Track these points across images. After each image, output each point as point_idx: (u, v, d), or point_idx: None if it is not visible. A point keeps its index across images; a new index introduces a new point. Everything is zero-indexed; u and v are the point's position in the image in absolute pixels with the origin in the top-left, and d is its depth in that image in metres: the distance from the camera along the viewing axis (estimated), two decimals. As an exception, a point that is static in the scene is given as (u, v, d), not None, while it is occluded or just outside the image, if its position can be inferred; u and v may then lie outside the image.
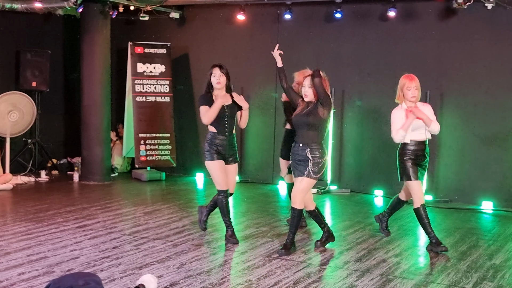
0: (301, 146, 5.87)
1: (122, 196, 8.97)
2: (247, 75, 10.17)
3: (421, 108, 6.25)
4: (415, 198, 6.25)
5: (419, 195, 6.25)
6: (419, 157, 6.25)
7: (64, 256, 5.62)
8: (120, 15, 10.15)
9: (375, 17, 9.35)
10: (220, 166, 6.27)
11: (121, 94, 11.01)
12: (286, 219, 7.26)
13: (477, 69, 8.61)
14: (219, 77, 6.26)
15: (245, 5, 9.92)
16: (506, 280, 5.29)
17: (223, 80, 6.27)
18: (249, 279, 5.13)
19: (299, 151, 5.88)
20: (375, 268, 5.53)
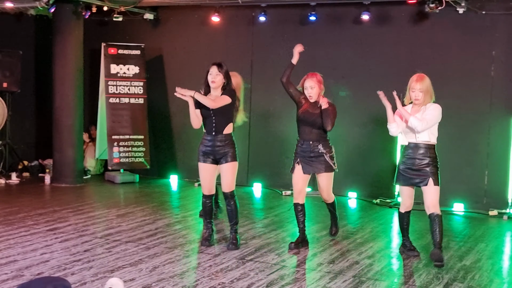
0: (311, 143, 6.22)
1: (95, 198, 8.88)
2: (222, 77, 10.13)
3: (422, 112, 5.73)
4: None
5: (402, 201, 6.06)
6: (411, 160, 5.80)
7: (34, 260, 5.54)
8: (93, 15, 10.06)
9: (349, 20, 9.41)
10: (205, 169, 6.16)
11: (94, 95, 10.91)
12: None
13: (449, 73, 8.71)
14: (215, 76, 5.99)
15: (219, 7, 9.90)
16: (476, 281, 5.35)
17: (219, 80, 5.99)
18: (222, 281, 5.11)
19: (311, 148, 6.22)
20: (348, 270, 5.55)
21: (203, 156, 6.15)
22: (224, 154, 6.10)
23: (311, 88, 6.21)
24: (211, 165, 6.16)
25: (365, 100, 9.27)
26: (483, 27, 8.56)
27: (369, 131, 9.32)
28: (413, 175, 5.78)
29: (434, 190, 5.69)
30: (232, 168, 6.13)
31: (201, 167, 6.19)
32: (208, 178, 6.20)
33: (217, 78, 6.00)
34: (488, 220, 8.10)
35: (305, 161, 6.26)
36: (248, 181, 10.24)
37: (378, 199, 9.02)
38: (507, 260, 6.24)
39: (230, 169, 6.12)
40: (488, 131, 8.56)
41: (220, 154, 6.10)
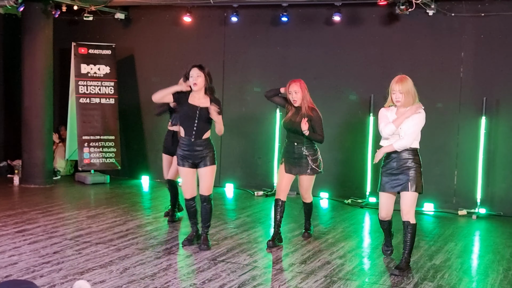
0: (296, 145, 6.37)
1: (65, 199, 8.77)
2: (194, 77, 10.09)
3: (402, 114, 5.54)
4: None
5: (380, 208, 5.82)
6: (392, 163, 5.59)
7: (2, 262, 5.44)
8: (63, 14, 9.93)
9: (321, 21, 9.46)
10: (185, 173, 6.11)
11: (64, 95, 10.78)
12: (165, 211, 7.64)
13: (419, 74, 8.80)
14: (196, 78, 5.95)
15: (191, 7, 9.86)
16: (445, 280, 5.41)
17: (200, 81, 5.96)
18: (194, 283, 5.09)
19: (295, 149, 6.37)
20: (319, 270, 5.57)
21: (181, 160, 6.11)
22: (203, 158, 6.07)
23: (295, 93, 6.33)
24: (190, 169, 6.12)
25: (337, 101, 9.32)
26: (452, 29, 8.68)
27: (340, 132, 9.37)
28: (394, 179, 5.58)
29: (410, 197, 5.50)
30: (211, 172, 6.13)
31: (180, 171, 6.20)
32: (189, 182, 6.17)
33: (198, 80, 5.98)
34: (457, 219, 8.21)
35: (289, 161, 6.43)
36: (220, 181, 10.22)
37: (350, 199, 9.08)
38: (476, 259, 6.34)
39: (209, 172, 6.11)
40: (458, 132, 8.68)
41: (199, 158, 6.07)
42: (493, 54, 8.50)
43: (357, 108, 9.26)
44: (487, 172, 8.51)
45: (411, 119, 5.50)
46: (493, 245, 6.85)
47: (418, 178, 5.53)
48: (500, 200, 8.50)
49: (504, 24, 8.41)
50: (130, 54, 10.77)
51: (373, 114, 8.96)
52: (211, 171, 6.13)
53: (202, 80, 6.00)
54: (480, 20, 8.52)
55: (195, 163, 6.09)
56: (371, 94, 8.97)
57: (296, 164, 6.42)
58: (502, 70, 8.46)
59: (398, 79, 5.58)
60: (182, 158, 6.09)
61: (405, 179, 5.51)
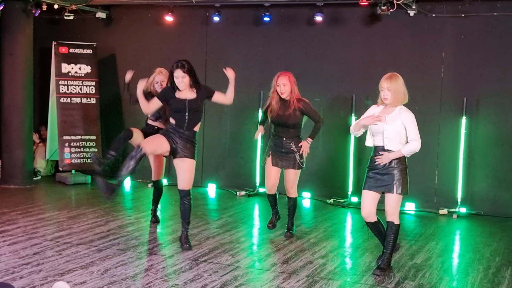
0: (285, 140, 6.53)
1: (45, 200, 8.69)
2: (175, 77, 10.06)
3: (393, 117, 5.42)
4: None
5: (361, 206, 5.59)
6: (377, 164, 5.48)
7: (-19, 264, 5.38)
8: (44, 13, 9.84)
9: (303, 21, 9.48)
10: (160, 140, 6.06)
11: (44, 95, 10.68)
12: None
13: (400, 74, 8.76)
14: (182, 80, 5.96)
15: (173, 6, 9.83)
16: (426, 279, 5.45)
17: (186, 81, 5.98)
18: (176, 283, 5.07)
19: (284, 144, 6.52)
20: (301, 270, 5.58)
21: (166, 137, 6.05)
22: (183, 149, 6.05)
23: (283, 85, 6.45)
24: (168, 146, 6.06)
25: (318, 101, 9.34)
26: (433, 30, 8.74)
27: (322, 132, 9.38)
28: (379, 179, 5.44)
29: (395, 198, 5.41)
30: (191, 166, 6.13)
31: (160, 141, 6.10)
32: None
33: (184, 80, 5.98)
34: (438, 218, 8.27)
35: (276, 155, 6.57)
36: (202, 181, 10.19)
37: (332, 199, 9.10)
38: (457, 258, 6.39)
39: (189, 166, 6.11)
40: (438, 132, 8.74)
41: (180, 147, 6.04)
42: (473, 54, 8.58)
43: (339, 108, 9.29)
44: (467, 171, 8.58)
45: (407, 122, 5.38)
46: (474, 244, 6.91)
47: (404, 179, 5.43)
48: (480, 199, 8.58)
49: (484, 25, 8.49)
50: (111, 54, 10.71)
51: (355, 114, 9.00)
52: (191, 165, 6.13)
53: (187, 80, 6.02)
54: (461, 20, 8.60)
55: (175, 149, 6.05)
56: (353, 94, 9.01)
57: (283, 158, 6.55)
58: (482, 70, 8.54)
59: (387, 76, 5.46)
60: (167, 137, 6.07)
61: (390, 180, 5.40)
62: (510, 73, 8.41)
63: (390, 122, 5.40)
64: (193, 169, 6.18)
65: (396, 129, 5.39)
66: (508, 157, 8.44)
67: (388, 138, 5.39)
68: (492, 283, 5.40)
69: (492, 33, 8.47)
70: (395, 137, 5.40)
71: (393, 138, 5.39)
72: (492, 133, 8.51)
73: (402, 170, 5.44)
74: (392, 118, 5.41)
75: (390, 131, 5.39)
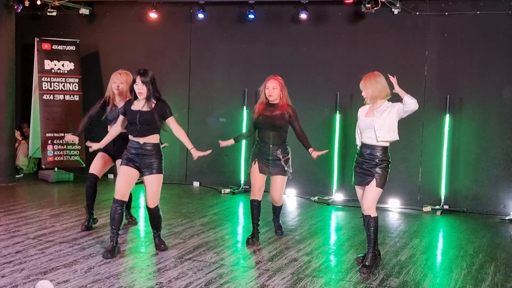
0: (271, 147, 6.29)
1: (27, 198, 8.60)
2: (160, 74, 9.96)
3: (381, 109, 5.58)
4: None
5: (360, 201, 5.76)
6: (361, 159, 5.63)
7: (-38, 263, 5.31)
8: (26, 9, 9.74)
9: (287, 19, 9.47)
10: (124, 172, 5.72)
11: (26, 91, 10.58)
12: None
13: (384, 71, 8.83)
14: (141, 87, 5.65)
15: (157, 3, 9.78)
16: (410, 276, 5.47)
17: (144, 91, 5.65)
18: (160, 281, 5.04)
19: (271, 152, 6.29)
20: (286, 267, 5.58)
21: (126, 160, 5.76)
22: (149, 165, 5.73)
23: (273, 89, 6.29)
24: (132, 169, 5.75)
25: (303, 99, 9.34)
26: (417, 28, 8.78)
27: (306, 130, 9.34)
28: (361, 174, 5.62)
29: (373, 192, 5.53)
30: (157, 181, 5.76)
31: (121, 169, 5.78)
32: (125, 182, 5.74)
33: (143, 88, 5.67)
34: (422, 216, 8.31)
35: (263, 162, 6.32)
36: (187, 179, 10.16)
37: (316, 196, 9.11)
38: (440, 255, 6.42)
39: (155, 181, 5.75)
40: (422, 129, 8.79)
41: (144, 165, 5.72)
42: (457, 52, 8.63)
43: (323, 106, 9.30)
44: (450, 169, 8.64)
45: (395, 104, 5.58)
46: (457, 241, 6.96)
47: (383, 176, 5.56)
48: (463, 196, 8.64)
49: (467, 23, 8.55)
50: (94, 51, 10.62)
51: (339, 111, 9.02)
52: (157, 180, 5.75)
53: (145, 89, 5.67)
54: (444, 19, 8.64)
55: (140, 168, 5.75)
56: (337, 92, 9.03)
57: (270, 165, 6.32)
58: (465, 69, 8.60)
59: (365, 76, 5.69)
60: (127, 159, 5.76)
61: (371, 175, 5.56)
62: (493, 71, 8.47)
63: (379, 115, 5.56)
64: (158, 184, 5.77)
65: (385, 120, 5.54)
66: (490, 154, 8.51)
67: (380, 130, 5.53)
68: (475, 279, 5.44)
69: (475, 32, 8.53)
70: (388, 127, 5.55)
71: (386, 129, 5.54)
72: (475, 131, 8.58)
73: (385, 168, 5.58)
74: (380, 111, 5.58)
75: (380, 123, 5.53)
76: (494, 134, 8.49)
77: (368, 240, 5.63)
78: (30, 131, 10.45)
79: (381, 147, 5.56)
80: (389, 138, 5.56)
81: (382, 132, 5.53)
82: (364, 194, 5.65)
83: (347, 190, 9.08)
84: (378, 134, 5.52)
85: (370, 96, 5.61)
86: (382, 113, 5.55)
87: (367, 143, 5.60)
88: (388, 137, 5.55)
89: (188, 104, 10.06)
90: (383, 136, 5.53)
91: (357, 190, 5.81)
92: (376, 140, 5.54)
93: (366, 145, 5.60)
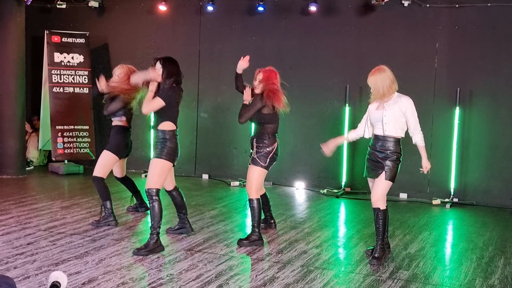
0: (252, 138, 6.26)
1: (38, 190, 8.65)
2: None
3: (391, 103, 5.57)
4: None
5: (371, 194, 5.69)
6: (372, 151, 5.64)
7: (-26, 254, 5.36)
8: (36, 2, 9.79)
9: (297, 12, 9.45)
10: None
11: (36, 84, 10.63)
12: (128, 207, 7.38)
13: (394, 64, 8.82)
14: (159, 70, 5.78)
15: (166, -5, 9.78)
16: (420, 268, 5.47)
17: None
18: (171, 273, 5.06)
19: (251, 142, 6.25)
20: (296, 260, 5.59)
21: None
22: (155, 150, 5.88)
23: (259, 81, 6.19)
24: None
25: (312, 91, 9.34)
26: (427, 20, 8.74)
27: (316, 122, 9.40)
28: (372, 166, 5.63)
29: (382, 184, 5.53)
30: (154, 164, 5.74)
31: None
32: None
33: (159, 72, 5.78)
34: (431, 209, 8.30)
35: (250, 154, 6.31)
36: (196, 172, 10.19)
37: (325, 189, 9.12)
38: (450, 248, 6.42)
39: (152, 164, 5.76)
40: (432, 122, 8.76)
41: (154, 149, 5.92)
42: (467, 45, 8.59)
43: (332, 98, 9.29)
44: (460, 162, 8.61)
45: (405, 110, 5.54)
46: (467, 234, 6.94)
47: (394, 169, 5.57)
48: (473, 189, 8.62)
49: (478, 15, 8.50)
50: (104, 43, 10.65)
51: (348, 104, 9.00)
52: (154, 164, 5.73)
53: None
54: (455, 11, 8.60)
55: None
56: (347, 84, 9.01)
57: (251, 156, 6.24)
58: (475, 61, 8.56)
59: (371, 72, 5.65)
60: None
61: (381, 167, 5.56)
62: (504, 63, 8.43)
63: (388, 109, 5.54)
64: (155, 167, 5.72)
65: (394, 115, 5.52)
66: (500, 147, 8.48)
67: (387, 123, 5.52)
68: (485, 272, 5.43)
69: (486, 24, 8.48)
70: (394, 123, 5.53)
71: (392, 124, 5.53)
72: (485, 124, 8.54)
73: (395, 161, 5.57)
74: (389, 104, 5.56)
75: (388, 117, 5.52)
76: (505, 127, 8.45)
77: (376, 232, 5.63)
78: (40, 123, 10.50)
79: (393, 138, 5.55)
80: (395, 134, 5.55)
81: (389, 126, 5.53)
82: (373, 186, 5.66)
83: (356, 183, 9.08)
84: (385, 128, 5.54)
85: (375, 94, 5.60)
86: (391, 108, 5.54)
87: (379, 135, 5.59)
88: (394, 133, 5.54)
89: (197, 97, 10.07)
90: (390, 130, 5.53)
91: (369, 182, 5.82)
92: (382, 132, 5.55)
93: (378, 137, 5.59)
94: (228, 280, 4.94)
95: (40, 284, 4.64)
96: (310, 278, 5.07)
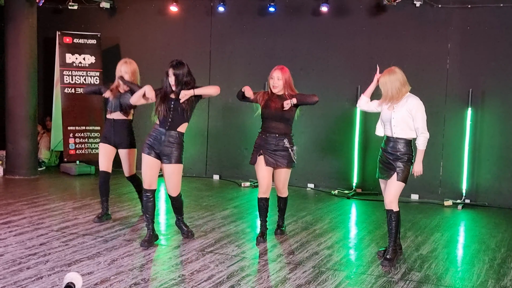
0: (277, 137, 6.08)
1: (50, 190, 8.69)
2: (180, 67, 10.04)
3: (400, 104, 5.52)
4: None
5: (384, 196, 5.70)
6: (384, 152, 5.62)
7: (-12, 254, 5.39)
8: (48, 3, 9.84)
9: (308, 12, 9.44)
10: (147, 163, 5.83)
11: (48, 85, 10.68)
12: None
13: (406, 65, 8.80)
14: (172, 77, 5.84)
15: (177, -4, 9.79)
16: (432, 269, 5.45)
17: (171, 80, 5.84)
18: (182, 274, 5.07)
19: (275, 141, 6.07)
20: (307, 261, 5.59)
21: (148, 149, 5.86)
22: (169, 154, 5.82)
23: (277, 79, 6.04)
24: (154, 159, 5.85)
25: (323, 92, 9.32)
26: (439, 20, 8.70)
27: (328, 123, 9.39)
28: (384, 167, 5.62)
29: (395, 186, 5.52)
30: (177, 171, 5.88)
31: (144, 159, 5.87)
32: (149, 172, 5.85)
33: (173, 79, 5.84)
34: (443, 210, 8.26)
35: (268, 153, 6.08)
36: (207, 172, 10.20)
37: (336, 190, 9.10)
38: (462, 249, 6.39)
39: (175, 171, 5.87)
40: (444, 123, 8.72)
41: (165, 153, 5.82)
42: (479, 45, 8.54)
43: (344, 99, 9.27)
44: (472, 163, 8.57)
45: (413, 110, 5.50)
46: (479, 235, 6.91)
47: (405, 170, 5.55)
48: (485, 190, 8.58)
49: (490, 16, 8.45)
50: (115, 44, 10.68)
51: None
52: (177, 170, 5.87)
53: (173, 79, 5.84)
54: (467, 11, 8.56)
55: (160, 156, 5.85)
56: (358, 85, 8.98)
57: (276, 157, 6.08)
58: (488, 62, 8.51)
59: (385, 71, 5.60)
60: (149, 147, 5.86)
61: (393, 169, 5.54)
62: (516, 64, 8.38)
63: (397, 110, 5.51)
64: (178, 173, 5.90)
65: (403, 117, 5.51)
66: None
67: (396, 126, 5.51)
68: (497, 274, 5.41)
69: (498, 24, 8.44)
70: (403, 125, 5.51)
71: (401, 126, 5.51)
72: (498, 125, 8.50)
73: (406, 162, 5.56)
74: (399, 105, 5.54)
75: (397, 119, 5.50)
76: (517, 128, 8.40)
77: (389, 234, 5.62)
78: (52, 124, 10.55)
79: (404, 140, 5.53)
80: (405, 136, 5.53)
81: (397, 128, 5.52)
82: (386, 188, 5.64)
83: (367, 183, 9.05)
84: (393, 130, 5.53)
85: (384, 95, 5.56)
86: (400, 109, 5.52)
87: (389, 136, 5.59)
88: (403, 134, 5.52)
89: (208, 98, 10.07)
90: (398, 132, 5.52)
91: (381, 184, 5.81)
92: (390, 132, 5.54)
93: (389, 138, 5.59)
94: (239, 281, 4.94)
95: (53, 284, 4.67)
96: (322, 279, 5.06)
